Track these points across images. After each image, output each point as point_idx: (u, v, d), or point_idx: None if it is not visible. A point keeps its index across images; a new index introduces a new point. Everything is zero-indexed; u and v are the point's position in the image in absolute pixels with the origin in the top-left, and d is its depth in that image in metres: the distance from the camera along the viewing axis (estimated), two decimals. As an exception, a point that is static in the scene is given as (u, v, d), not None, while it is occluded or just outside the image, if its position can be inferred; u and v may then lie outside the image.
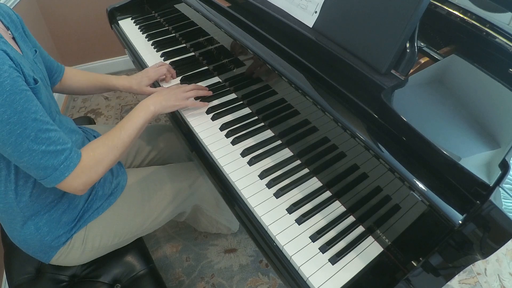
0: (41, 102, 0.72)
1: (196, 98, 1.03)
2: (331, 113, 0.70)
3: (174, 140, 1.25)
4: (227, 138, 0.93)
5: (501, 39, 0.78)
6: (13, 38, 0.77)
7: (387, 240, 0.70)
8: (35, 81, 0.70)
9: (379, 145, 0.63)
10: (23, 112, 0.63)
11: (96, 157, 0.76)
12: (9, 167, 0.75)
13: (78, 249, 0.90)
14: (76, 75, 1.07)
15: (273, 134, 0.95)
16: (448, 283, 0.76)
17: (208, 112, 1.01)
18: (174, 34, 1.36)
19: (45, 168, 0.68)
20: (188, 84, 1.12)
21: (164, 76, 1.12)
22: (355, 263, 0.69)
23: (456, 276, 0.89)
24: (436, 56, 0.77)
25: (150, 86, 1.09)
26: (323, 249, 0.71)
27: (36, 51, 0.83)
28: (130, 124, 0.84)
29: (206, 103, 1.02)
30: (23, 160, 0.67)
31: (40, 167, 0.68)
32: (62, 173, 0.70)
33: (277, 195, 0.80)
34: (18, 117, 0.63)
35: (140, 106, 0.89)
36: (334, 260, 0.69)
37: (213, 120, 0.99)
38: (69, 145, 0.72)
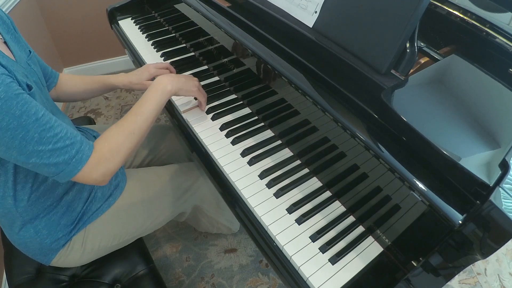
0: None
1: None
2: (331, 113, 0.70)
3: (174, 141, 1.25)
4: (227, 138, 0.93)
5: (501, 39, 0.78)
6: (5, 43, 0.75)
7: (387, 240, 0.70)
8: (29, 88, 0.68)
9: (379, 145, 0.63)
10: (22, 115, 0.61)
11: (111, 147, 0.73)
12: (7, 173, 0.74)
13: (77, 251, 0.90)
14: (72, 79, 1.05)
15: (273, 134, 0.95)
16: (448, 283, 0.76)
17: (208, 112, 1.01)
18: (174, 34, 1.36)
19: (56, 165, 0.66)
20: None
21: None
22: (355, 263, 0.69)
23: (456, 276, 0.89)
24: (436, 56, 0.77)
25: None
26: (323, 249, 0.71)
27: (30, 52, 0.82)
28: (146, 107, 0.80)
29: (205, 107, 1.01)
30: (31, 162, 0.65)
31: (51, 164, 0.66)
32: (75, 167, 0.68)
33: (277, 195, 0.80)
34: (18, 122, 0.61)
35: (155, 86, 0.83)
36: (334, 260, 0.69)
37: (213, 120, 0.99)
38: (78, 138, 0.69)
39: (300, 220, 0.75)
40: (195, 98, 1.01)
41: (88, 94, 1.08)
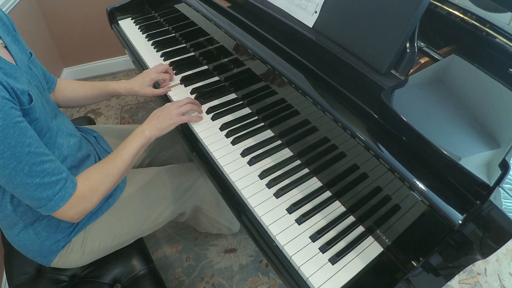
0: (37, 118, 0.70)
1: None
2: (331, 113, 0.70)
3: (174, 141, 1.25)
4: (227, 138, 0.93)
5: (501, 39, 0.78)
6: (5, 47, 0.74)
7: (387, 240, 0.70)
8: (30, 98, 0.68)
9: (379, 145, 0.63)
10: (17, 146, 0.62)
11: (91, 186, 0.75)
12: None
13: (77, 252, 0.90)
14: (71, 84, 1.04)
15: (273, 134, 0.95)
16: (448, 283, 0.76)
17: (208, 112, 1.01)
18: (174, 34, 1.36)
19: (40, 199, 0.68)
20: (189, 84, 1.12)
21: (163, 81, 1.10)
22: (355, 263, 0.69)
23: (456, 276, 0.89)
24: (436, 56, 0.77)
25: (152, 87, 1.08)
26: (323, 249, 0.71)
27: (31, 54, 0.82)
28: (125, 151, 0.83)
29: (201, 116, 0.99)
30: (17, 191, 0.67)
31: (35, 198, 0.68)
32: (56, 204, 0.70)
33: (277, 195, 0.80)
34: (12, 152, 0.61)
35: (136, 132, 0.87)
36: (334, 260, 0.69)
37: (213, 120, 0.99)
38: (64, 175, 0.71)
39: (300, 220, 0.75)
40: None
41: (88, 100, 1.08)
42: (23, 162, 0.63)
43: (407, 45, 0.67)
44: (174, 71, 1.15)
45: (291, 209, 0.77)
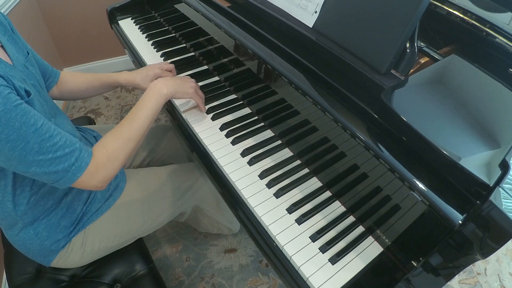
0: None
1: None
2: (331, 113, 0.70)
3: (174, 141, 1.25)
4: (227, 138, 0.93)
5: (501, 39, 0.78)
6: (1, 46, 0.75)
7: (387, 240, 0.70)
8: (28, 94, 0.69)
9: (379, 145, 0.63)
10: (22, 127, 0.61)
11: (109, 154, 0.74)
12: (6, 177, 0.74)
13: (77, 252, 0.90)
14: (74, 76, 1.04)
15: (273, 134, 0.95)
16: (448, 283, 0.76)
17: (208, 112, 1.01)
18: (174, 34, 1.36)
19: (56, 173, 0.67)
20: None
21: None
22: (355, 263, 0.69)
23: (456, 276, 0.89)
24: (436, 56, 0.77)
25: None
26: (323, 249, 0.71)
27: (28, 53, 0.82)
28: (142, 113, 0.81)
29: (205, 107, 1.01)
30: (30, 170, 0.66)
31: (51, 173, 0.67)
32: (74, 174, 0.69)
33: (277, 195, 0.80)
34: (18, 134, 0.61)
35: (151, 91, 0.84)
36: (334, 260, 0.69)
37: (213, 120, 0.99)
38: (77, 145, 0.70)
39: (300, 220, 0.75)
40: None
41: (90, 92, 1.07)
42: (32, 141, 0.63)
43: (407, 45, 0.67)
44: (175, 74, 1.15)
45: (291, 209, 0.77)
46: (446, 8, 0.86)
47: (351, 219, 0.77)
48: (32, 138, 0.63)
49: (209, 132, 0.95)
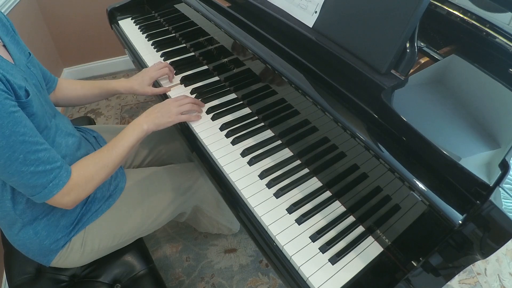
0: (34, 113, 0.71)
1: None
2: (331, 113, 0.70)
3: (174, 141, 1.25)
4: (227, 138, 0.93)
5: (501, 39, 0.78)
6: (4, 46, 0.76)
7: (387, 240, 0.70)
8: (27, 93, 0.69)
9: (379, 145, 0.63)
10: (11, 136, 0.63)
11: (85, 176, 0.76)
12: None
13: (77, 252, 0.90)
14: (72, 84, 1.05)
15: (273, 134, 0.95)
16: (448, 283, 0.76)
17: (208, 112, 1.01)
18: (174, 34, 1.36)
19: (34, 187, 0.69)
20: (189, 84, 1.12)
21: (168, 76, 1.11)
22: (355, 263, 0.69)
23: (456, 276, 0.89)
24: (436, 56, 0.77)
25: (152, 86, 1.08)
26: (323, 249, 0.71)
27: (30, 54, 0.82)
28: (122, 143, 0.84)
29: (200, 115, 0.99)
30: (12, 180, 0.68)
31: (29, 186, 0.69)
32: (50, 191, 0.71)
33: (277, 195, 0.80)
34: (6, 141, 0.62)
35: (133, 125, 0.87)
36: (334, 260, 0.69)
37: (213, 120, 0.99)
38: (58, 164, 0.72)
39: (300, 220, 0.75)
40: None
41: (88, 99, 1.09)
42: (18, 151, 0.64)
43: (407, 45, 0.67)
44: (174, 71, 1.15)
45: (291, 209, 0.77)
46: (446, 8, 0.86)
47: (351, 219, 0.77)
48: (18, 148, 0.64)
49: (209, 132, 0.95)
